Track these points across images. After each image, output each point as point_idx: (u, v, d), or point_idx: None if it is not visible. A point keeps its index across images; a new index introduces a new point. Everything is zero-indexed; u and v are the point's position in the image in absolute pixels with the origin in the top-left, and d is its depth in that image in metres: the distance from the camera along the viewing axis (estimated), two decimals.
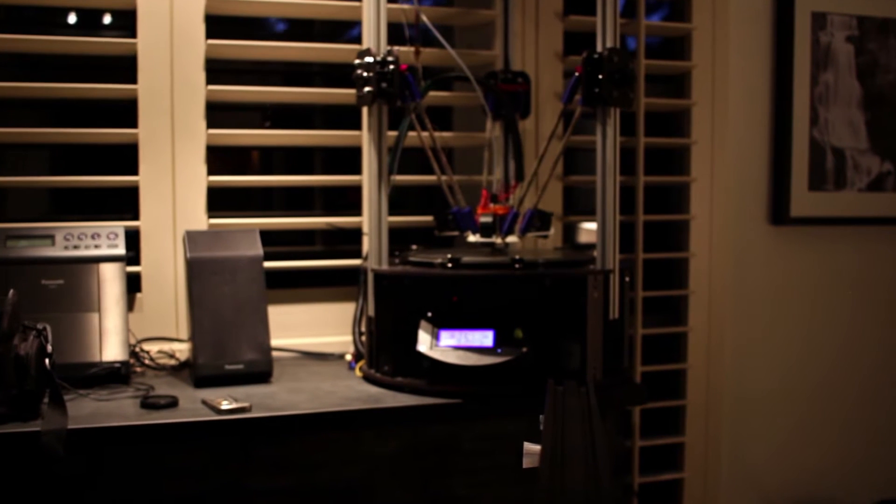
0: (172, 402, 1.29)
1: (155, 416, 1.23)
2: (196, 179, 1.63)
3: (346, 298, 1.70)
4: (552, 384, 0.96)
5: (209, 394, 1.34)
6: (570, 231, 1.90)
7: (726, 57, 1.89)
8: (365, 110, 1.52)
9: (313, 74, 2.01)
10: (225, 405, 1.26)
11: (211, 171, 1.64)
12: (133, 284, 1.60)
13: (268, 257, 1.60)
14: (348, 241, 1.77)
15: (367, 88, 1.40)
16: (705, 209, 1.88)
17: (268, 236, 1.69)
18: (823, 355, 2.04)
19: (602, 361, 1.35)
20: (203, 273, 1.44)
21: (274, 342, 1.60)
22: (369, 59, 1.40)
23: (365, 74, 1.40)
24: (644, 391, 1.45)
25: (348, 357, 1.57)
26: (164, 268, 1.62)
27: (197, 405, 1.29)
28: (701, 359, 1.89)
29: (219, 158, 1.84)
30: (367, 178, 1.52)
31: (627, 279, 1.43)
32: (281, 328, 1.68)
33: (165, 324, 1.62)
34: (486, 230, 1.49)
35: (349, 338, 1.62)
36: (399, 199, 1.95)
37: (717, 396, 1.91)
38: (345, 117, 1.71)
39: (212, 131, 1.63)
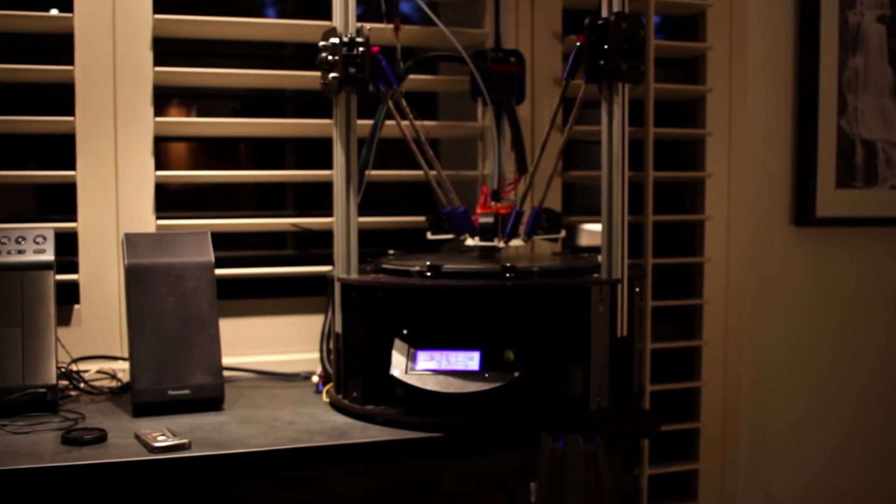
0: (99, 437, 1.11)
1: (75, 455, 1.04)
2: (142, 174, 1.46)
3: (317, 310, 1.54)
4: (548, 440, 0.76)
5: (147, 425, 1.17)
6: (569, 233, 1.73)
7: (745, 38, 1.75)
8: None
9: (285, 58, 1.86)
10: (160, 441, 1.08)
11: (173, 167, 1.49)
12: (71, 295, 1.44)
13: (231, 263, 1.46)
14: (322, 245, 1.61)
15: (332, 75, 1.22)
16: (721, 208, 1.76)
17: (235, 240, 1.59)
18: (853, 371, 1.92)
19: (608, 387, 1.19)
20: (143, 282, 1.27)
21: (232, 361, 1.46)
22: (335, 40, 1.22)
23: (330, 58, 1.22)
24: (657, 421, 1.30)
25: (315, 379, 1.39)
26: (106, 276, 1.45)
27: (129, 440, 1.11)
28: (717, 376, 1.76)
29: (191, 154, 1.72)
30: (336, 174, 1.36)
31: (637, 289, 1.27)
32: (241, 344, 1.52)
33: (107, 340, 1.44)
34: (486, 232, 1.32)
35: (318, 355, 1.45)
36: (384, 198, 1.84)
37: (735, 418, 1.78)
38: (322, 107, 1.56)
39: (160, 119, 1.46)
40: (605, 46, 1.17)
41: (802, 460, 1.89)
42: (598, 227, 1.23)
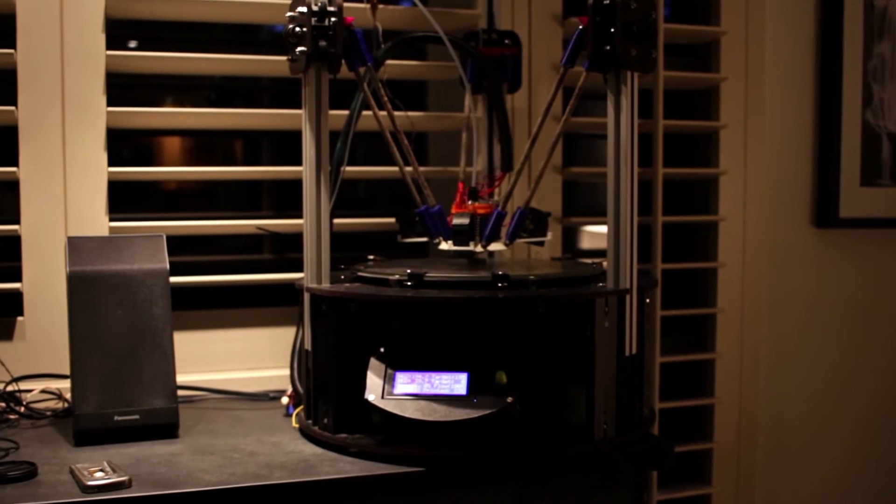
0: (27, 473, 0.98)
1: None
2: (94, 171, 1.35)
3: (290, 321, 1.42)
4: None
5: (88, 457, 1.05)
6: (569, 236, 1.72)
7: (762, 22, 1.71)
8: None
9: (263, 44, 1.77)
10: (96, 479, 0.96)
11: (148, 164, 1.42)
12: (13, 306, 1.34)
13: (199, 269, 1.39)
14: (301, 249, 1.51)
15: (300, 49, 1.11)
16: (737, 208, 1.72)
17: (209, 244, 1.54)
18: (882, 386, 1.87)
19: (615, 413, 1.09)
20: (88, 292, 1.15)
21: (193, 379, 1.35)
22: (303, 10, 1.11)
23: (298, 30, 1.11)
24: (670, 449, 1.18)
25: (285, 400, 1.27)
26: (52, 285, 1.33)
27: (63, 476, 0.99)
28: (731, 392, 1.71)
29: (161, 150, 1.65)
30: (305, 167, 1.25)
31: (648, 300, 1.17)
32: (203, 361, 1.42)
33: (54, 356, 1.33)
34: (460, 235, 1.22)
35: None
36: (372, 197, 1.78)
37: (751, 437, 1.73)
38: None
39: (113, 109, 1.35)
40: (612, 30, 1.07)
41: (824, 483, 1.83)
42: (602, 229, 1.13)
